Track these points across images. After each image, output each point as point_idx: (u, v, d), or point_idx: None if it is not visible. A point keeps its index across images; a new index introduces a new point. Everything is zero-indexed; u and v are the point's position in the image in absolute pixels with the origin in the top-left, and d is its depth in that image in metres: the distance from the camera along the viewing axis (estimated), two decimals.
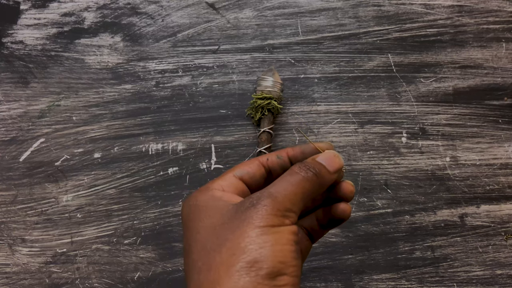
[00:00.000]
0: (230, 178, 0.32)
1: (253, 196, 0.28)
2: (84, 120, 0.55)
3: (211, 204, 0.29)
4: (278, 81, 0.53)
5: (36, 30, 0.56)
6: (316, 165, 0.30)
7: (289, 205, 0.28)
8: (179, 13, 0.57)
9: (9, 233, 0.52)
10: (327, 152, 0.32)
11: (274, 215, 0.27)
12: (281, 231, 0.27)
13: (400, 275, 0.52)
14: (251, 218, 0.27)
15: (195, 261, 0.28)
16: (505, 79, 0.57)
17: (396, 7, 0.58)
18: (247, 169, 0.32)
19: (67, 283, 0.51)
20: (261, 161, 0.33)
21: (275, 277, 0.26)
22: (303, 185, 0.29)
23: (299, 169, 0.30)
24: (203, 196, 0.30)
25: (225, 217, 0.28)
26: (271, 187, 0.29)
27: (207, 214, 0.29)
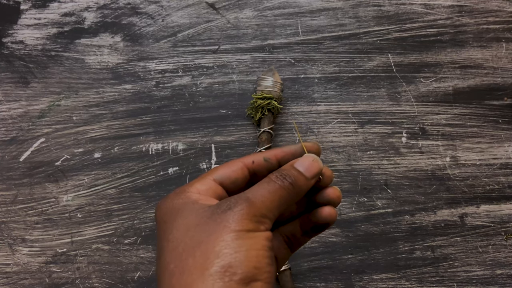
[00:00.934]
0: (209, 183, 0.30)
1: (230, 199, 0.28)
2: (84, 120, 0.55)
3: (187, 206, 0.29)
4: (278, 81, 0.53)
5: (36, 30, 0.56)
6: (292, 173, 0.30)
7: (265, 211, 0.28)
8: (179, 13, 0.57)
9: (9, 233, 0.52)
10: (306, 157, 0.31)
11: (250, 220, 0.27)
12: (256, 237, 0.27)
13: (400, 275, 0.52)
14: (227, 222, 0.26)
15: (168, 263, 0.27)
16: (505, 79, 0.57)
17: (396, 7, 0.58)
18: (229, 173, 0.31)
19: (67, 283, 0.52)
20: (246, 164, 0.32)
21: (249, 283, 0.26)
22: (280, 193, 0.29)
23: (276, 178, 0.29)
24: (179, 199, 0.29)
25: (200, 219, 0.27)
26: (248, 192, 0.28)
27: (181, 215, 0.28)
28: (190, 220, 0.28)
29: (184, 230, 0.27)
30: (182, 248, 0.27)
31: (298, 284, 0.52)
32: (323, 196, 0.33)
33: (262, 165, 0.32)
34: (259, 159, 0.32)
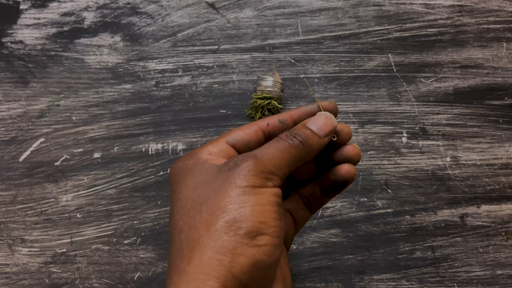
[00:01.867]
0: (221, 145, 0.31)
1: (238, 157, 0.28)
2: (84, 120, 0.54)
3: (198, 165, 0.29)
4: (278, 81, 0.53)
5: (35, 30, 0.56)
6: (304, 132, 0.29)
7: (273, 168, 0.28)
8: (179, 13, 0.57)
9: (8, 233, 0.52)
10: (319, 115, 0.31)
11: (256, 176, 0.27)
12: (263, 192, 0.27)
13: (400, 275, 0.52)
14: (233, 178, 0.27)
15: (177, 220, 0.28)
16: (505, 79, 0.56)
17: (396, 7, 0.57)
18: (242, 136, 0.31)
19: (67, 283, 0.51)
20: (260, 126, 0.32)
21: (254, 237, 0.26)
22: (289, 151, 0.28)
23: (286, 136, 0.29)
24: (190, 159, 0.30)
25: (208, 177, 0.28)
26: (256, 150, 0.28)
27: (191, 174, 0.29)
28: (198, 179, 0.28)
29: (192, 188, 0.28)
30: (190, 205, 0.27)
31: (298, 285, 0.52)
32: (341, 153, 0.32)
33: (277, 127, 0.32)
34: (274, 121, 0.32)
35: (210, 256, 0.25)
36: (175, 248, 0.27)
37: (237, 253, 0.25)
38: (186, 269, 0.26)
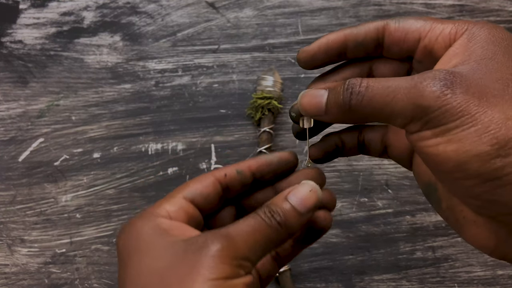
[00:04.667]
0: (179, 202, 0.26)
1: (206, 235, 0.24)
2: (83, 120, 0.54)
3: (157, 239, 0.25)
4: (278, 80, 0.52)
5: (35, 30, 0.56)
6: (283, 209, 0.25)
7: (247, 252, 0.24)
8: (179, 13, 0.57)
9: (8, 233, 0.52)
10: (303, 186, 0.26)
11: (228, 264, 0.23)
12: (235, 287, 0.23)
13: (401, 276, 0.52)
14: (201, 267, 0.23)
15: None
16: None
17: (397, 7, 0.57)
18: (200, 189, 0.27)
19: (67, 284, 0.51)
20: (218, 177, 0.28)
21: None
22: (266, 233, 0.24)
23: (264, 214, 0.25)
24: (147, 227, 0.25)
25: (172, 260, 0.24)
26: (229, 228, 0.24)
27: (151, 253, 0.24)
28: (161, 262, 0.24)
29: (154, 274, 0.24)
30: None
31: (299, 285, 0.52)
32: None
33: (235, 178, 0.28)
34: (232, 172, 0.28)
35: None
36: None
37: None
38: None
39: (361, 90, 0.24)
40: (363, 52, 0.28)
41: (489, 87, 0.22)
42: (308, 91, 0.26)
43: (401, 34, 0.26)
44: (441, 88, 0.22)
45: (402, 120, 0.23)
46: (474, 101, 0.22)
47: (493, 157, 0.21)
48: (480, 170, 0.21)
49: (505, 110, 0.21)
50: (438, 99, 0.22)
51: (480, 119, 0.21)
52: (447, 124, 0.22)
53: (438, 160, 0.23)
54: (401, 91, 0.23)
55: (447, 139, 0.22)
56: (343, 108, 0.24)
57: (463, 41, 0.24)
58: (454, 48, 0.25)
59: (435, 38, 0.25)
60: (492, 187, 0.22)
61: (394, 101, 0.23)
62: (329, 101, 0.25)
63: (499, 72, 0.23)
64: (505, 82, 0.22)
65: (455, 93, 0.22)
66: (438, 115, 0.22)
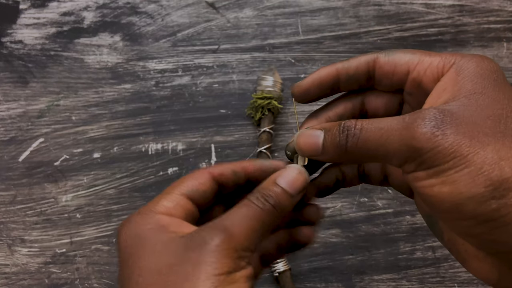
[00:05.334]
0: (176, 198, 0.27)
1: (204, 230, 0.24)
2: (83, 120, 0.54)
3: (156, 236, 0.25)
4: (278, 80, 0.52)
5: (35, 30, 0.56)
6: (275, 192, 0.26)
7: (246, 242, 0.24)
8: (179, 13, 0.57)
9: (8, 233, 0.52)
10: (290, 169, 0.27)
11: (230, 258, 0.23)
12: (237, 280, 0.23)
13: (401, 276, 0.52)
14: (204, 263, 0.23)
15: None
16: (506, 79, 0.56)
17: (396, 7, 0.57)
18: (197, 186, 0.28)
19: (67, 284, 0.51)
20: (214, 175, 0.28)
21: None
22: (262, 219, 0.25)
23: (257, 199, 0.25)
24: (146, 224, 0.25)
25: (173, 257, 0.24)
26: (225, 220, 0.25)
27: (151, 250, 0.24)
28: (162, 259, 0.24)
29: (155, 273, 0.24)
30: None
31: (299, 285, 0.52)
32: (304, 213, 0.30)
33: (230, 178, 0.29)
34: (228, 171, 0.29)
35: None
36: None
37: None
38: None
39: (356, 132, 0.24)
40: (355, 85, 0.29)
41: (481, 124, 0.22)
42: (304, 131, 0.27)
43: (390, 67, 0.27)
44: (431, 129, 0.22)
45: (397, 161, 0.24)
46: (466, 142, 0.22)
47: (488, 199, 0.21)
48: (476, 212, 0.22)
49: (498, 149, 0.21)
50: (429, 141, 0.22)
51: (472, 160, 0.21)
52: (440, 166, 0.22)
53: (434, 200, 0.23)
54: (393, 132, 0.23)
55: (441, 181, 0.22)
56: (340, 150, 0.25)
57: (452, 75, 0.24)
58: (443, 82, 0.25)
59: (423, 71, 0.26)
60: (490, 228, 0.22)
61: (387, 142, 0.23)
62: (325, 142, 0.26)
63: (490, 108, 0.23)
64: (496, 118, 0.23)
65: (445, 134, 0.22)
66: (430, 156, 0.22)
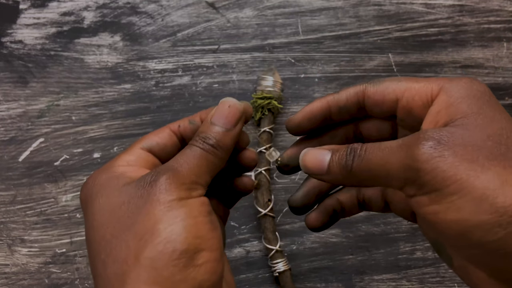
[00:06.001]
0: (137, 152, 0.28)
1: (154, 171, 0.25)
2: (83, 120, 0.54)
3: (112, 182, 0.26)
4: (278, 80, 0.52)
5: (35, 30, 0.56)
6: (212, 132, 0.27)
7: (194, 177, 0.25)
8: (179, 13, 0.57)
9: (8, 233, 0.52)
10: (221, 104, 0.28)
11: (179, 188, 0.24)
12: (190, 204, 0.24)
13: (401, 276, 0.52)
14: (154, 194, 0.24)
15: (97, 253, 0.24)
16: (506, 79, 0.56)
17: (396, 7, 0.57)
18: (157, 140, 0.28)
19: (67, 284, 0.51)
20: (172, 129, 0.29)
21: (192, 256, 0.23)
22: (206, 158, 0.26)
23: (197, 142, 0.26)
24: (103, 174, 0.26)
25: (124, 197, 0.24)
26: (172, 161, 0.26)
27: (104, 194, 0.25)
28: (113, 199, 0.25)
29: (108, 212, 0.24)
30: (110, 234, 0.24)
31: (299, 285, 0.52)
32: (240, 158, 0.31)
33: (189, 128, 0.29)
34: (185, 123, 0.30)
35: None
36: (101, 285, 0.24)
37: (177, 280, 0.22)
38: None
39: (361, 153, 0.24)
40: (347, 115, 0.29)
41: (481, 146, 0.22)
42: (311, 150, 0.27)
43: (379, 96, 0.28)
44: (429, 150, 0.22)
45: (397, 183, 0.24)
46: (465, 164, 0.21)
47: (494, 227, 0.20)
48: (483, 240, 0.21)
49: (500, 173, 0.21)
50: (427, 162, 0.22)
51: (474, 185, 0.21)
52: (442, 190, 0.22)
53: (440, 228, 0.23)
54: (394, 153, 0.23)
55: (445, 208, 0.22)
56: (345, 171, 0.25)
57: (443, 98, 0.24)
58: (435, 106, 0.25)
59: (412, 98, 0.26)
60: (499, 256, 0.21)
61: (388, 163, 0.23)
62: (332, 162, 0.26)
63: (490, 128, 0.22)
64: (496, 139, 0.22)
65: (443, 156, 0.22)
66: (429, 179, 0.22)
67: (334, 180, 0.27)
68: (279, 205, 0.53)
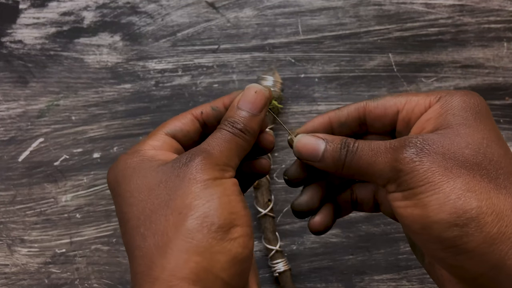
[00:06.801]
0: (162, 137, 0.29)
1: (188, 153, 0.27)
2: (83, 120, 0.54)
3: (144, 164, 0.27)
4: (278, 80, 0.52)
5: (35, 30, 0.56)
6: (240, 117, 0.28)
7: (226, 160, 0.27)
8: (179, 12, 0.57)
9: (8, 233, 0.52)
10: (247, 90, 0.29)
11: (213, 169, 0.26)
12: (224, 183, 0.26)
13: (401, 276, 0.52)
14: (191, 174, 0.25)
15: (136, 227, 0.25)
16: (506, 78, 0.56)
17: (397, 6, 0.57)
18: (180, 126, 0.30)
19: (67, 284, 0.51)
20: (195, 115, 0.31)
21: (228, 230, 0.25)
22: (236, 141, 0.28)
23: (226, 126, 0.28)
24: (133, 157, 0.28)
25: (161, 176, 0.26)
26: (204, 144, 0.27)
27: (139, 174, 0.27)
28: (150, 179, 0.26)
29: (147, 190, 0.26)
30: (150, 209, 0.25)
31: (299, 285, 0.52)
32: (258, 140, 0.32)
33: (211, 114, 0.31)
34: (207, 109, 0.31)
35: (186, 259, 0.24)
36: (140, 257, 0.25)
37: (215, 251, 0.24)
38: (160, 277, 0.24)
39: (353, 150, 0.27)
40: (348, 131, 0.31)
41: (458, 154, 0.25)
42: (305, 136, 0.30)
43: (381, 110, 0.30)
44: (410, 155, 0.25)
45: (381, 180, 0.27)
46: (440, 170, 0.24)
47: (451, 226, 0.23)
48: (441, 237, 0.24)
49: (467, 181, 0.24)
50: (408, 164, 0.25)
51: (442, 188, 0.24)
52: (414, 189, 0.25)
53: (406, 221, 0.26)
54: (381, 154, 0.26)
55: (413, 203, 0.25)
56: (339, 163, 0.28)
57: (436, 108, 0.27)
58: (427, 114, 0.27)
59: (412, 110, 0.28)
60: (453, 253, 0.24)
61: (375, 162, 0.26)
62: (326, 152, 0.29)
63: (470, 137, 0.25)
64: (475, 148, 0.25)
65: (422, 161, 0.24)
66: (407, 179, 0.25)
67: (324, 168, 0.29)
68: (279, 205, 0.53)
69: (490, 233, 0.23)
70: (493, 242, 0.23)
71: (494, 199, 0.24)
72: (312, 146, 0.29)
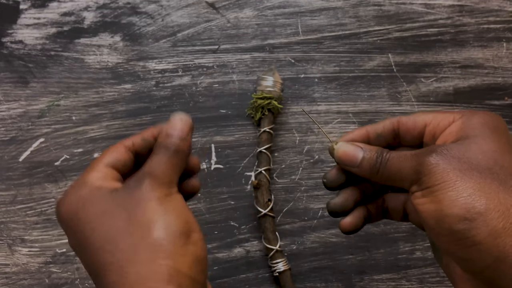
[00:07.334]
0: (103, 169, 0.31)
1: (134, 178, 0.30)
2: (83, 120, 0.54)
3: (95, 194, 0.30)
4: (278, 80, 0.53)
5: (35, 30, 0.56)
6: (171, 141, 0.32)
7: (169, 178, 0.31)
8: (179, 13, 0.57)
9: (8, 233, 0.52)
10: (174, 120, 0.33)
11: (161, 188, 0.30)
12: (174, 198, 0.30)
13: (400, 276, 0.52)
14: (144, 194, 0.29)
15: (102, 247, 0.28)
16: (505, 79, 0.56)
17: (396, 7, 0.57)
18: (118, 157, 0.32)
19: (67, 283, 0.51)
20: (127, 146, 0.33)
21: (189, 235, 0.29)
22: (172, 161, 0.31)
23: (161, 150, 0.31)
24: (81, 190, 0.30)
25: (116, 200, 0.29)
26: (146, 168, 0.31)
27: (94, 202, 0.29)
28: (106, 205, 0.29)
29: (105, 214, 0.29)
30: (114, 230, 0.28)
31: (299, 285, 0.52)
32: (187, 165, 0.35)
33: (142, 145, 0.33)
34: (137, 140, 0.33)
35: (159, 263, 0.27)
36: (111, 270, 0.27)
37: (181, 253, 0.28)
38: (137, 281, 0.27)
39: (387, 157, 0.32)
40: (383, 142, 0.35)
41: (472, 159, 0.28)
42: (345, 144, 0.34)
43: (411, 123, 0.34)
44: (430, 159, 0.29)
45: (407, 183, 0.30)
46: (454, 172, 0.28)
47: (462, 219, 0.26)
48: (451, 229, 0.27)
49: (479, 182, 0.27)
50: (427, 167, 0.28)
51: (456, 186, 0.27)
52: (431, 187, 0.28)
53: (424, 216, 0.29)
54: (408, 161, 0.30)
55: (430, 200, 0.28)
56: (374, 169, 0.32)
57: (458, 124, 0.31)
58: (450, 128, 0.31)
59: (437, 124, 0.32)
60: (462, 246, 0.27)
61: (403, 167, 0.30)
62: (363, 160, 0.33)
63: (485, 146, 0.29)
64: (489, 155, 0.28)
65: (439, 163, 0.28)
66: (426, 179, 0.28)
67: (361, 173, 0.33)
68: (279, 205, 0.53)
69: (495, 228, 0.26)
70: (497, 235, 0.26)
71: (502, 199, 0.27)
72: (352, 153, 0.33)
